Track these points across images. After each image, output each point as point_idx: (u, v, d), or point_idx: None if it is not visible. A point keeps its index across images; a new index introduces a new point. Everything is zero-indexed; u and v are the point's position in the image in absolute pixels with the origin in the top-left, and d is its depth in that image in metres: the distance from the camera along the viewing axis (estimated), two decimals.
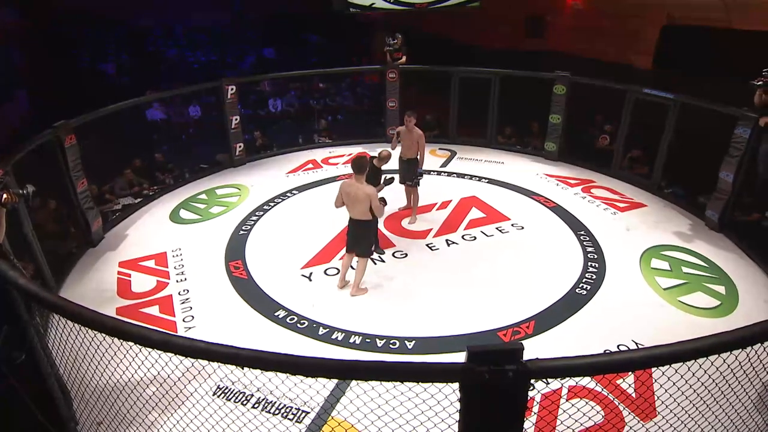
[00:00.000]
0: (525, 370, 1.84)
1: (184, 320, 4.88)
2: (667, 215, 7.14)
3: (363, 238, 5.15)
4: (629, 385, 3.97)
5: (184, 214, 7.24)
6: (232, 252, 6.14)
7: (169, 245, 6.29)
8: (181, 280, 5.53)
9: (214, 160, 9.00)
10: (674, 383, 2.55)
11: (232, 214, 7.14)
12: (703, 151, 6.85)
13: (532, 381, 1.82)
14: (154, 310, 5.03)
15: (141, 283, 5.50)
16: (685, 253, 6.09)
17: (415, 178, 6.70)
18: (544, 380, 2.16)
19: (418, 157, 6.59)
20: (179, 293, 5.29)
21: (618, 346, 4.50)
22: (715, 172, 6.51)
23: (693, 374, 2.33)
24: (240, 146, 8.98)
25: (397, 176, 6.23)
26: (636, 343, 4.52)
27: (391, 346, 4.52)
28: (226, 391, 3.96)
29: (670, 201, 7.53)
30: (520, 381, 1.85)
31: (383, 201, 5.19)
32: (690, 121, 7.14)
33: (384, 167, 5.91)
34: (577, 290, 5.35)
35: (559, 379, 3.37)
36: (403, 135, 6.63)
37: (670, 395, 2.66)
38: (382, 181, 5.58)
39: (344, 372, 2.26)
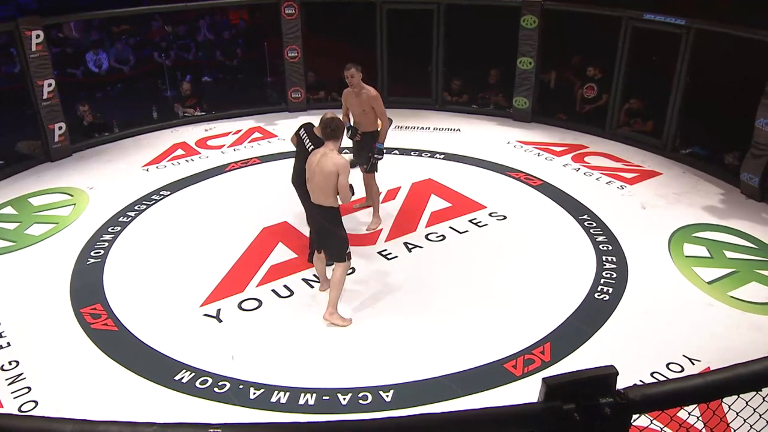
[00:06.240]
0: (626, 402, 1.93)
1: (20, 410, 4.58)
2: (689, 184, 7.82)
3: (331, 235, 5.20)
4: (697, 419, 4.26)
5: None
6: (82, 293, 5.96)
7: None
8: (2, 347, 5.23)
9: (14, 151, 8.67)
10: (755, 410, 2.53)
11: (67, 234, 6.95)
12: (729, 94, 7.52)
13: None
14: None
15: None
16: (724, 232, 6.70)
17: (370, 161, 6.61)
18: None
19: (378, 127, 6.55)
20: (3, 368, 5.02)
21: (668, 365, 4.87)
22: (749, 121, 7.17)
23: None
24: (60, 128, 8.65)
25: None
26: (689, 359, 4.91)
27: (361, 401, 4.58)
28: None
29: (689, 165, 8.22)
30: (620, 418, 1.93)
31: (351, 188, 5.20)
32: (711, 54, 7.80)
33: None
34: (596, 296, 5.70)
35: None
36: (348, 99, 6.59)
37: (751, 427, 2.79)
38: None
39: None
